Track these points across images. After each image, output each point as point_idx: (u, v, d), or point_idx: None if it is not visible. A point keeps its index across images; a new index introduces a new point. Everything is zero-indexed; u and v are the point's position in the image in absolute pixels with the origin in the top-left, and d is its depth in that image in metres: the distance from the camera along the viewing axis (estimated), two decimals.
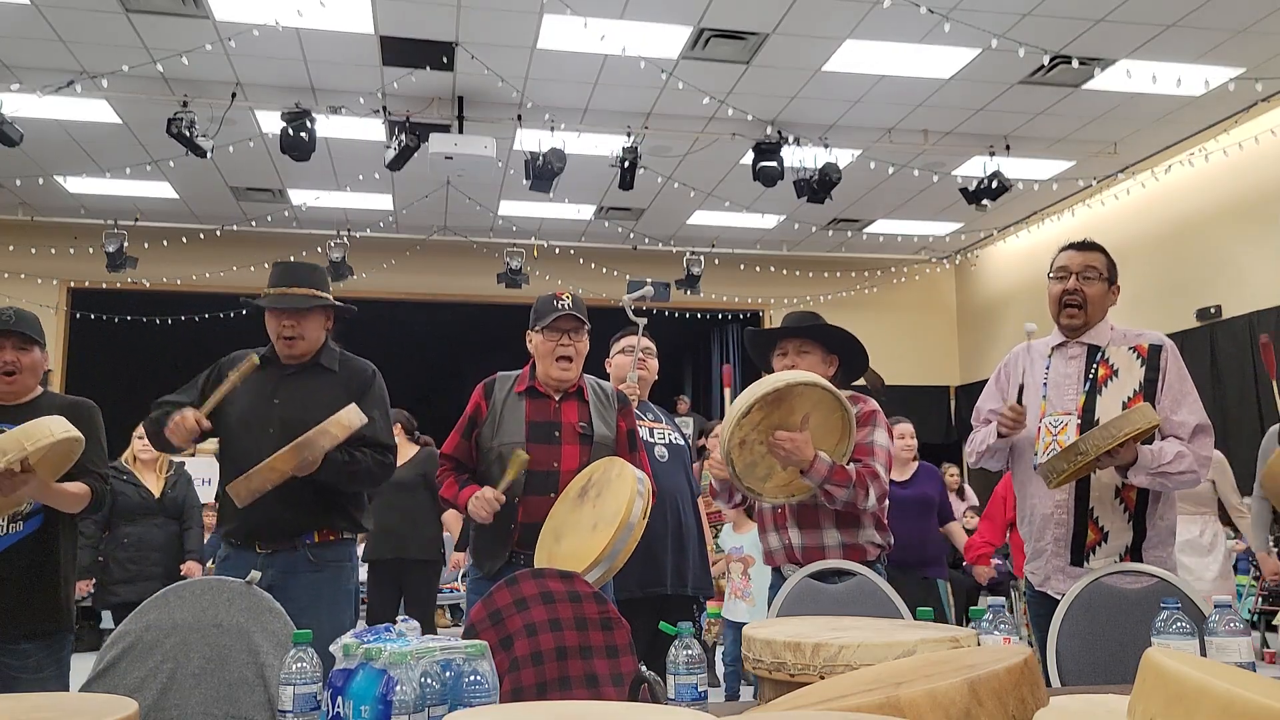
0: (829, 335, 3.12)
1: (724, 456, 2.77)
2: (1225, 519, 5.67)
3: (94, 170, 9.38)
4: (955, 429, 12.89)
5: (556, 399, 3.03)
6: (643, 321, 3.85)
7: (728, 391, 3.27)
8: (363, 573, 5.35)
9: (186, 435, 2.83)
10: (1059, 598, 2.67)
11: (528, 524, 2.89)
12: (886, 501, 3.04)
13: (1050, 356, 2.97)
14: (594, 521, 2.66)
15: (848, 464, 2.88)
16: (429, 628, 6.04)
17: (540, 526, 2.85)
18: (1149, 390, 2.78)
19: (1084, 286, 2.90)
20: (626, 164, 8.30)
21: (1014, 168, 9.05)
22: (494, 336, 12.61)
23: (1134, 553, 2.76)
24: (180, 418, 2.82)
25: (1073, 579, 2.70)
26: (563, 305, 2.99)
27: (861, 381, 3.47)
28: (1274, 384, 3.52)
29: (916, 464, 5.39)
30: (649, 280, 4.36)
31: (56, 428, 2.53)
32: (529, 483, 2.92)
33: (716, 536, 5.91)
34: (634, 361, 3.86)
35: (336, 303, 3.10)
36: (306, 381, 3.02)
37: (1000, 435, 2.90)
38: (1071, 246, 2.98)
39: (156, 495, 5.61)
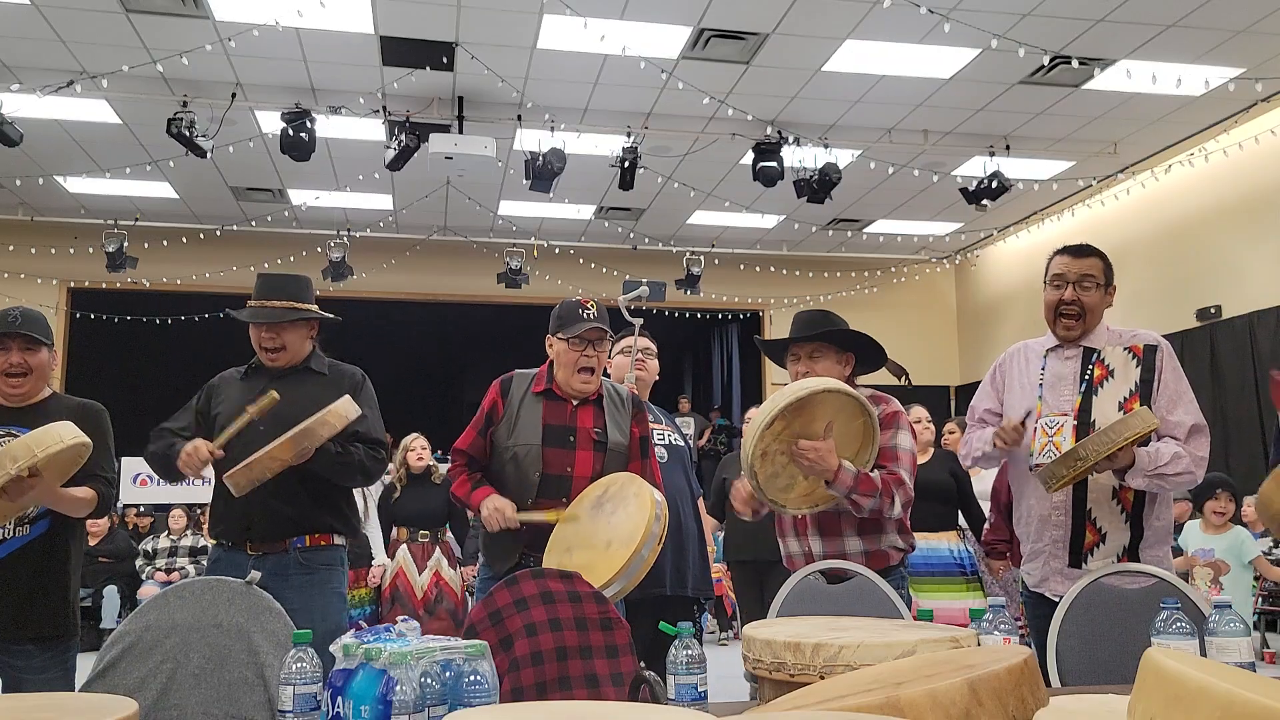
0: (840, 339, 3.06)
1: (746, 469, 2.74)
2: None
3: (94, 170, 9.38)
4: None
5: (574, 403, 3.01)
6: (639, 322, 3.84)
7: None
8: None
9: (200, 467, 2.82)
10: (1055, 599, 2.67)
11: (539, 526, 2.88)
12: (911, 507, 2.99)
13: (1046, 358, 2.95)
14: (608, 540, 2.64)
15: (872, 470, 2.83)
16: None
17: (550, 529, 2.84)
18: (1144, 391, 2.76)
19: (1082, 296, 2.85)
20: (626, 164, 8.30)
21: (1014, 168, 9.06)
22: (494, 336, 12.64)
23: (1131, 553, 2.76)
24: (193, 449, 2.80)
25: (1070, 580, 2.69)
26: (589, 315, 2.95)
27: (897, 380, 3.40)
28: None
29: None
30: (644, 280, 4.35)
31: (66, 434, 2.53)
32: (542, 486, 2.91)
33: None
34: (632, 362, 3.86)
35: (317, 314, 3.09)
36: (297, 383, 3.02)
37: (996, 447, 2.89)
38: (1067, 252, 2.92)
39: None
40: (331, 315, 3.16)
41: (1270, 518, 2.43)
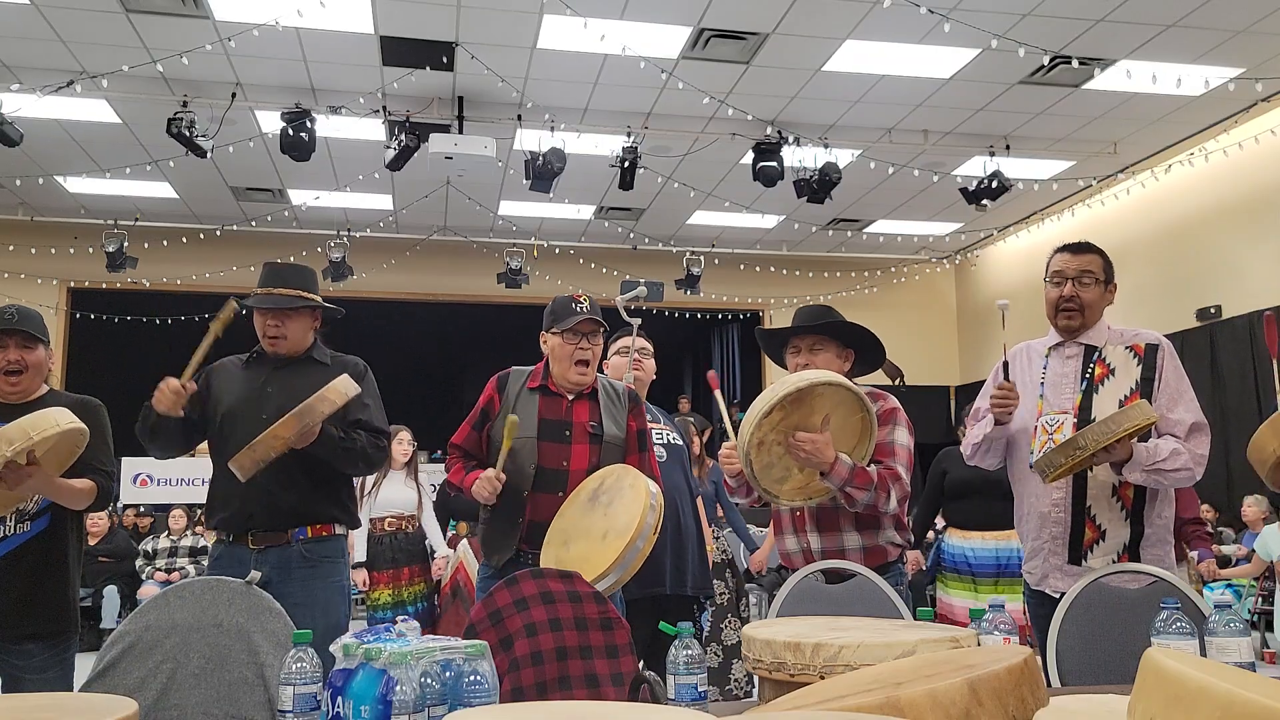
0: (842, 331, 3.07)
1: (741, 457, 2.74)
2: None
3: (94, 170, 9.39)
4: (955, 429, 12.88)
5: (569, 398, 3.03)
6: (637, 322, 3.84)
7: (718, 393, 3.22)
8: None
9: (172, 399, 2.83)
10: (1056, 596, 2.67)
11: (536, 521, 2.89)
12: (907, 503, 3.00)
13: (1048, 356, 2.96)
14: (604, 531, 2.65)
15: (868, 465, 2.83)
16: None
17: (547, 525, 2.85)
18: (1145, 389, 2.77)
19: (1080, 292, 2.86)
20: (626, 164, 8.30)
21: (1014, 168, 9.06)
22: (494, 336, 12.63)
23: (1131, 551, 2.76)
24: (163, 384, 2.82)
25: (1070, 577, 2.69)
26: (582, 308, 2.97)
27: (891, 382, 3.41)
28: (1274, 364, 3.47)
29: None
30: (642, 280, 4.35)
31: (62, 419, 2.53)
32: (538, 480, 2.92)
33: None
34: (629, 362, 3.86)
35: (322, 303, 3.11)
36: (298, 372, 3.04)
37: (997, 422, 2.87)
38: (1066, 249, 2.93)
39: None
40: (335, 306, 3.18)
41: (1260, 461, 2.44)
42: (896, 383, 5.59)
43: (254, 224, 11.03)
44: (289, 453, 2.77)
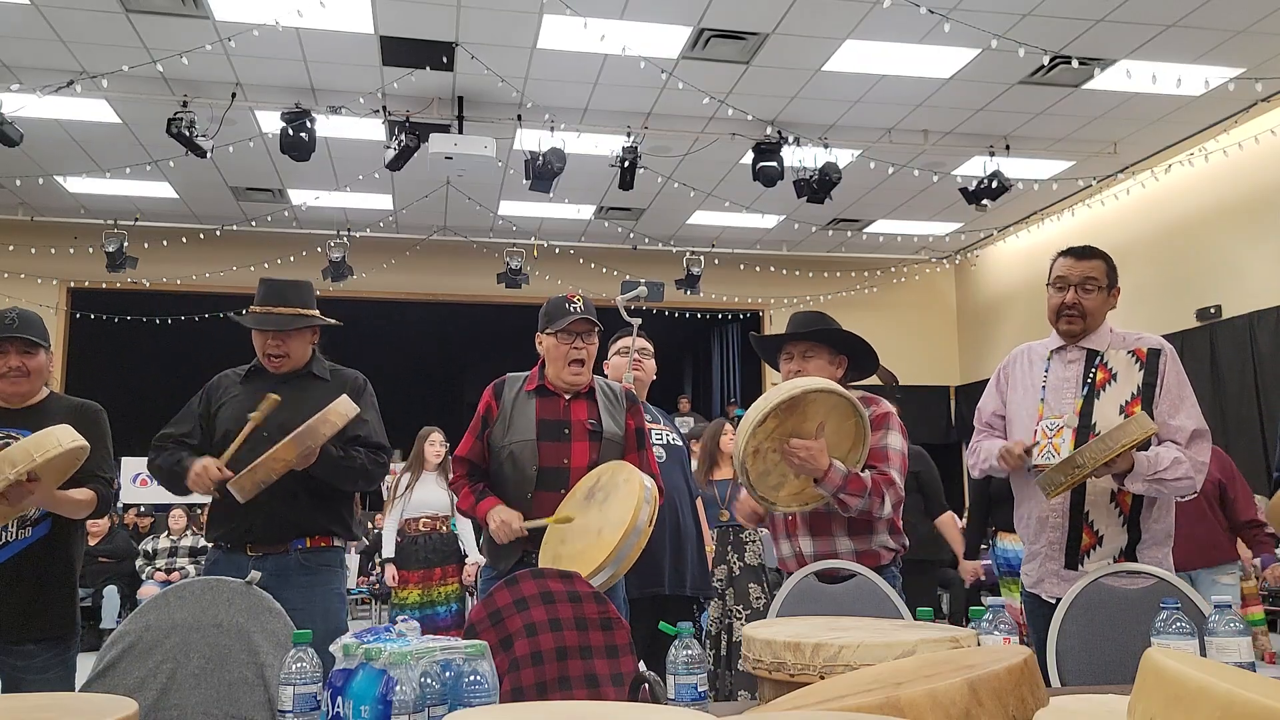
0: (834, 338, 3.07)
1: (738, 466, 2.75)
2: None
3: (94, 170, 9.38)
4: (955, 429, 12.89)
5: (566, 397, 3.04)
6: (637, 322, 3.84)
7: None
8: None
9: (210, 487, 2.81)
10: (1052, 601, 2.68)
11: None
12: (902, 507, 3.00)
13: (1049, 359, 2.95)
14: (600, 526, 2.66)
15: (862, 470, 2.85)
16: None
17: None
18: (1147, 394, 2.76)
19: (1083, 299, 2.86)
20: (626, 164, 8.30)
21: (1014, 168, 9.06)
22: (494, 336, 12.65)
23: (1128, 556, 2.76)
24: (202, 470, 2.80)
25: (1067, 582, 2.70)
26: (575, 308, 2.98)
27: (876, 380, 3.41)
28: None
29: None
30: (643, 280, 4.35)
31: (64, 438, 2.53)
32: (540, 480, 2.93)
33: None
34: (629, 363, 3.86)
35: (321, 319, 3.09)
36: (299, 387, 3.03)
37: (1001, 466, 2.91)
38: (1070, 254, 2.92)
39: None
40: (335, 320, 3.17)
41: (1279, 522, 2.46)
42: (892, 386, 5.57)
43: (254, 224, 11.03)
44: (289, 471, 2.77)
